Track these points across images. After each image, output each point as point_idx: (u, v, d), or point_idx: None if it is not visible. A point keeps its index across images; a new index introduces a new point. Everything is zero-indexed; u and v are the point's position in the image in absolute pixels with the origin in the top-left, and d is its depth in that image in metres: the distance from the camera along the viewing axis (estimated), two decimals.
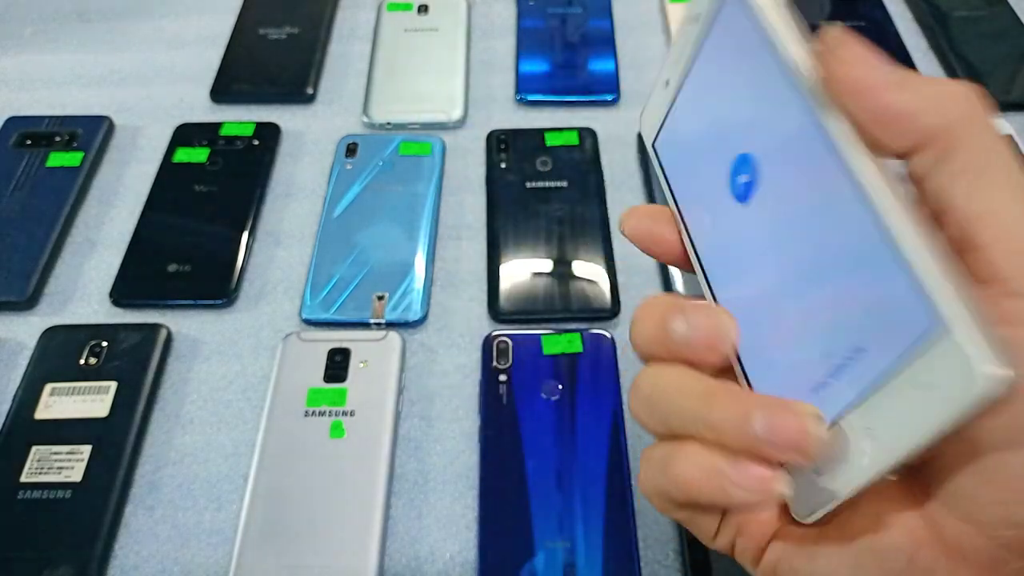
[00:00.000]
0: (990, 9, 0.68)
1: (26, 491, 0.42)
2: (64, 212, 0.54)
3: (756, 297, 0.24)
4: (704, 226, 0.27)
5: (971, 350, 0.17)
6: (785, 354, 0.23)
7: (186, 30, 0.69)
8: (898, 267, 0.19)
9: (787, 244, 0.23)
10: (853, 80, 0.20)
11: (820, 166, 0.22)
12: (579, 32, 0.67)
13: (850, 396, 0.20)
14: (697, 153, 0.27)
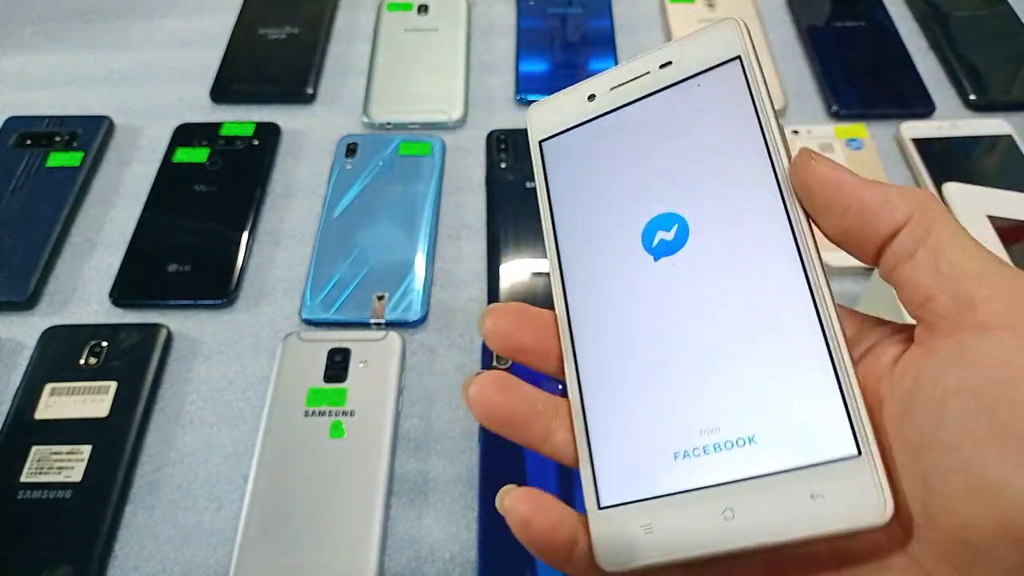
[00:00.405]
0: (990, 9, 0.68)
1: (26, 491, 0.42)
2: (64, 212, 0.54)
3: (642, 347, 0.24)
4: (584, 262, 0.26)
5: (881, 481, 0.19)
6: (655, 412, 0.23)
7: (186, 30, 0.69)
8: (830, 385, 0.21)
9: (702, 312, 0.24)
10: (834, 177, 0.23)
11: (771, 254, 0.23)
12: (579, 32, 0.67)
13: (715, 475, 0.22)
14: (601, 186, 0.27)
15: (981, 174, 0.56)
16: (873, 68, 0.64)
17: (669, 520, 0.22)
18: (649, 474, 0.23)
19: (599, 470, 0.24)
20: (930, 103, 0.61)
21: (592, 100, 0.27)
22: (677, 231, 0.25)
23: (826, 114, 0.61)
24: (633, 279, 0.25)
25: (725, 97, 0.25)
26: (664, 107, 0.26)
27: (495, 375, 0.24)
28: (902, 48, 0.65)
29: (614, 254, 0.25)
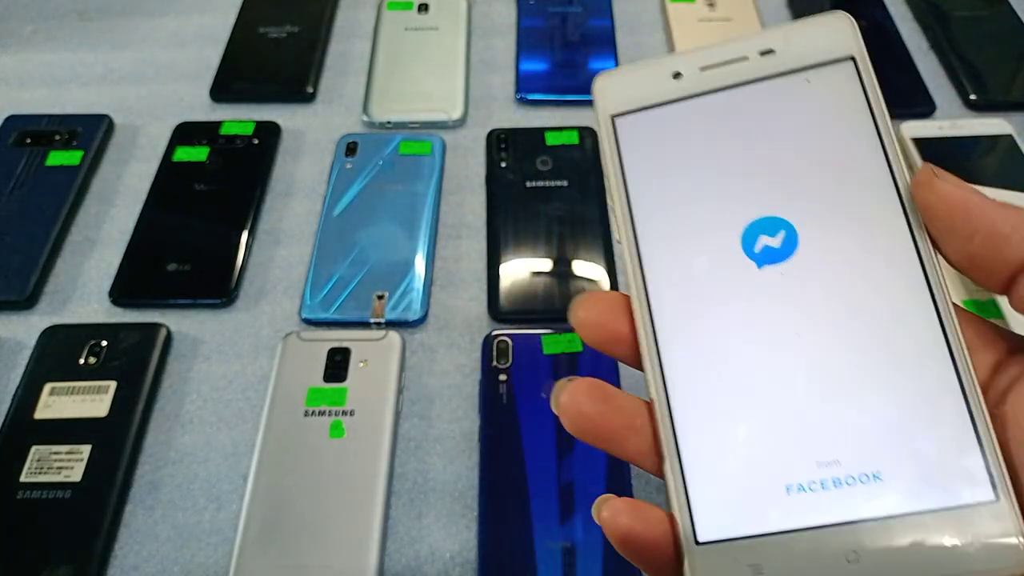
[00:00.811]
0: (990, 9, 0.68)
1: (26, 491, 0.42)
2: (64, 211, 0.54)
3: (745, 364, 0.22)
4: (670, 259, 0.24)
5: (1021, 528, 0.18)
6: (763, 439, 0.21)
7: (186, 29, 0.69)
8: (962, 421, 0.20)
9: (817, 330, 0.21)
10: (960, 198, 0.21)
11: (893, 274, 0.21)
12: (579, 31, 0.67)
13: (836, 514, 0.20)
14: (691, 178, 0.24)
15: (981, 174, 0.56)
16: (873, 67, 0.63)
17: (783, 561, 0.20)
18: (758, 509, 0.21)
19: (695, 501, 0.22)
20: (930, 103, 0.61)
21: (678, 79, 0.25)
22: (784, 238, 0.22)
23: None
24: (733, 287, 0.23)
25: (838, 99, 0.23)
26: (767, 99, 0.24)
27: (590, 383, 0.22)
28: (902, 47, 0.65)
29: (710, 258, 0.23)
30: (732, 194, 0.23)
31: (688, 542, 0.21)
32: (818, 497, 0.20)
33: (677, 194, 0.24)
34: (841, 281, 0.22)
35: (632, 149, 0.25)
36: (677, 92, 0.25)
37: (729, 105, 0.24)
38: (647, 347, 0.23)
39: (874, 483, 0.20)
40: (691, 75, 0.25)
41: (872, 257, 0.22)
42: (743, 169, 0.23)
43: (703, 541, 0.21)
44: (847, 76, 0.24)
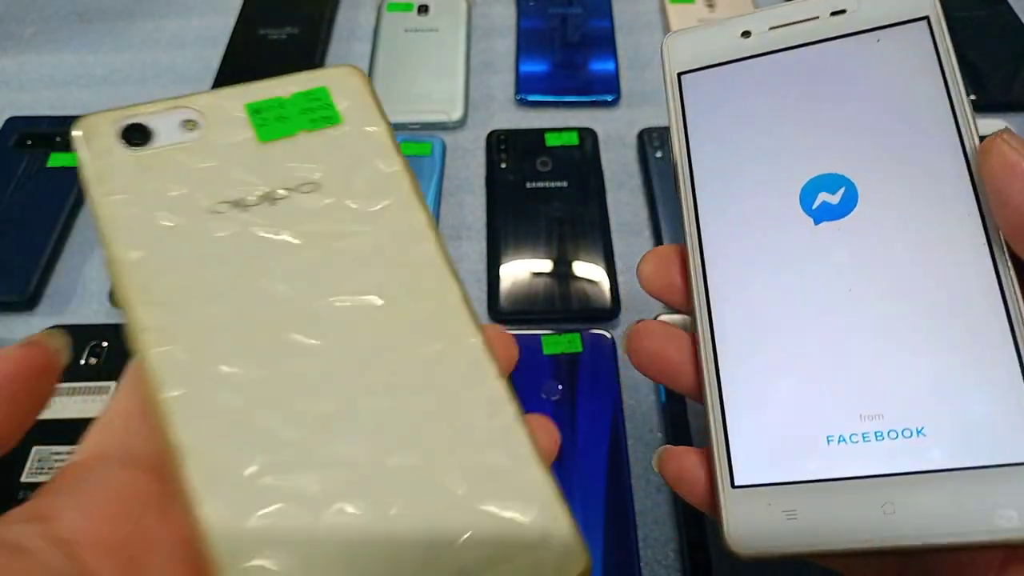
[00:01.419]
0: (990, 9, 0.68)
1: (26, 491, 0.42)
2: (65, 212, 0.54)
3: (794, 315, 0.22)
4: (727, 213, 0.24)
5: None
6: (807, 390, 0.22)
7: (186, 30, 0.69)
8: (1014, 381, 0.19)
9: (871, 286, 0.22)
10: (1018, 166, 0.20)
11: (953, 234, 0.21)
12: (579, 32, 0.67)
13: (876, 466, 0.20)
14: (753, 135, 0.24)
15: None
16: None
17: (818, 508, 0.20)
18: (797, 456, 0.21)
19: (735, 445, 0.22)
20: None
21: (747, 37, 0.25)
22: (844, 194, 0.22)
23: None
24: (787, 240, 0.23)
25: (909, 59, 0.23)
26: (835, 58, 0.24)
27: (655, 324, 0.25)
28: None
29: (765, 211, 0.23)
30: (793, 151, 0.23)
31: (724, 486, 0.21)
32: (859, 449, 0.20)
33: (738, 150, 0.24)
34: (898, 240, 0.22)
35: (695, 106, 0.25)
36: (744, 50, 0.25)
37: (796, 64, 0.24)
38: (697, 295, 0.23)
39: (917, 438, 0.20)
40: (759, 34, 0.25)
41: (932, 216, 0.21)
42: (807, 127, 0.23)
43: (739, 484, 0.21)
44: (920, 36, 0.24)
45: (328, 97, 0.24)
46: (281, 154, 0.22)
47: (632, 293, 0.51)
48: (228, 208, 0.21)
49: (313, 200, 0.22)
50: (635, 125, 0.60)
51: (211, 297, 0.20)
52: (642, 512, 0.42)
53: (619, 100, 0.62)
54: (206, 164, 0.22)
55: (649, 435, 0.45)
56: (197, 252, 0.21)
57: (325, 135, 0.23)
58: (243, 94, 0.23)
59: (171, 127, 0.22)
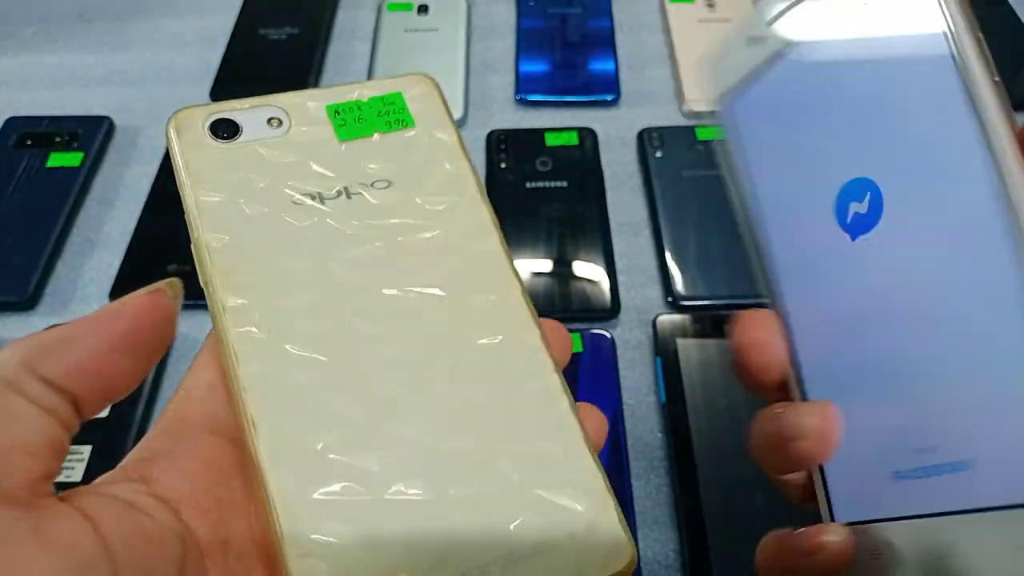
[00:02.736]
0: (990, 9, 0.68)
1: None
2: (64, 212, 0.54)
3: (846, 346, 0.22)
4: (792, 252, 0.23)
5: None
6: (873, 425, 0.21)
7: (186, 30, 0.69)
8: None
9: (909, 308, 0.20)
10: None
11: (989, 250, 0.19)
12: (579, 32, 0.67)
13: (936, 503, 0.19)
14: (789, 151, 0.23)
15: None
16: None
17: (895, 548, 0.20)
18: (875, 495, 0.21)
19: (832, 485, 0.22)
20: None
21: (753, 45, 0.24)
22: (870, 202, 0.21)
23: None
24: (829, 262, 0.22)
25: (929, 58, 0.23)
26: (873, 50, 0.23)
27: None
28: None
29: (806, 231, 0.23)
30: (828, 161, 0.22)
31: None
32: (919, 484, 0.20)
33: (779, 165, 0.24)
34: (931, 251, 0.20)
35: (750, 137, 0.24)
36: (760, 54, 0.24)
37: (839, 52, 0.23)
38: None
39: (967, 471, 0.19)
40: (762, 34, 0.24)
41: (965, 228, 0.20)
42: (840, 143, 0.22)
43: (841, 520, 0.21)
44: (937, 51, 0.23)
45: (402, 102, 0.25)
46: (358, 153, 0.24)
47: (632, 293, 0.51)
48: (308, 200, 0.23)
49: (386, 196, 0.23)
50: (635, 125, 0.60)
51: (289, 283, 0.22)
52: (642, 512, 0.42)
53: (619, 100, 0.62)
54: (289, 159, 0.23)
55: (649, 435, 0.45)
56: (278, 240, 0.22)
57: (399, 137, 0.25)
58: (324, 96, 0.25)
59: (257, 124, 0.24)
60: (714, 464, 0.42)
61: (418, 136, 0.25)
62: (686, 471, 0.42)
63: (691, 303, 0.49)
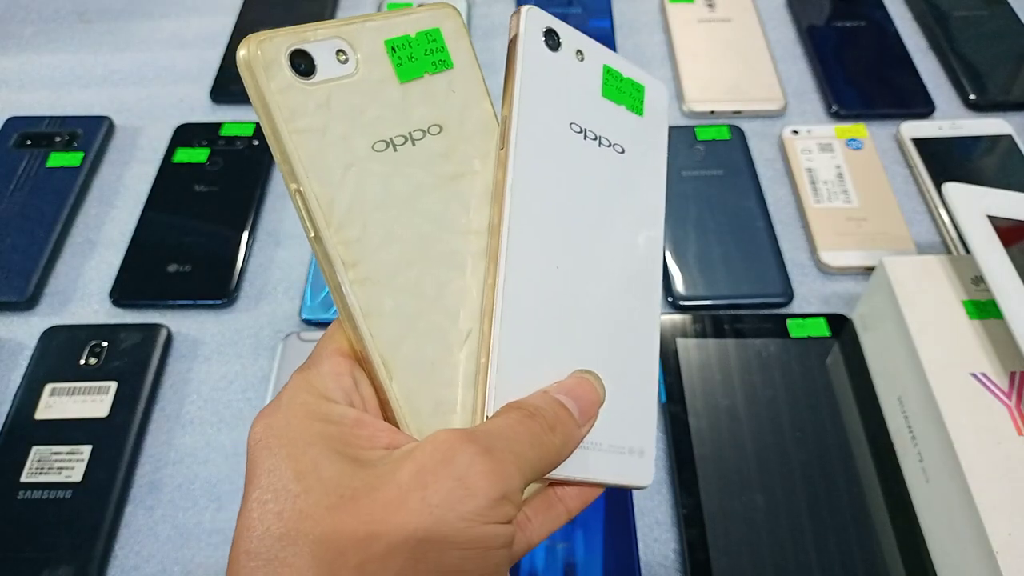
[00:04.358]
0: (990, 9, 0.68)
1: (26, 491, 0.42)
2: (64, 212, 0.54)
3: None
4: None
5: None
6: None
7: (186, 30, 0.69)
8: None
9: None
10: None
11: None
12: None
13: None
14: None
15: (981, 174, 0.56)
16: (873, 68, 0.64)
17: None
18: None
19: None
20: (930, 103, 0.61)
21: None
22: None
23: (826, 114, 0.61)
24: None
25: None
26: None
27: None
28: (902, 48, 0.65)
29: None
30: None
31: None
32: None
33: None
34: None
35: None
36: None
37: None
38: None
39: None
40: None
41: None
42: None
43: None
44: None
45: (442, 39, 0.26)
46: (416, 96, 0.25)
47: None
48: (384, 148, 0.24)
49: (440, 143, 0.25)
50: None
51: (386, 235, 0.23)
52: (642, 512, 0.42)
53: None
54: (364, 103, 0.24)
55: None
56: (369, 191, 0.23)
57: (444, 78, 0.25)
58: (379, 28, 0.24)
59: (328, 58, 0.23)
60: (714, 464, 0.42)
61: (457, 78, 0.26)
62: (686, 471, 0.42)
63: (691, 303, 0.49)
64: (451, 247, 0.24)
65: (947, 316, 0.40)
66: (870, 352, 0.45)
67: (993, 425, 0.36)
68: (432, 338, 0.24)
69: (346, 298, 0.23)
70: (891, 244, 0.52)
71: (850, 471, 0.41)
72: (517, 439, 0.22)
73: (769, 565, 0.39)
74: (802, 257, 0.52)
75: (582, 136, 0.26)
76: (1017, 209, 0.42)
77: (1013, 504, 0.34)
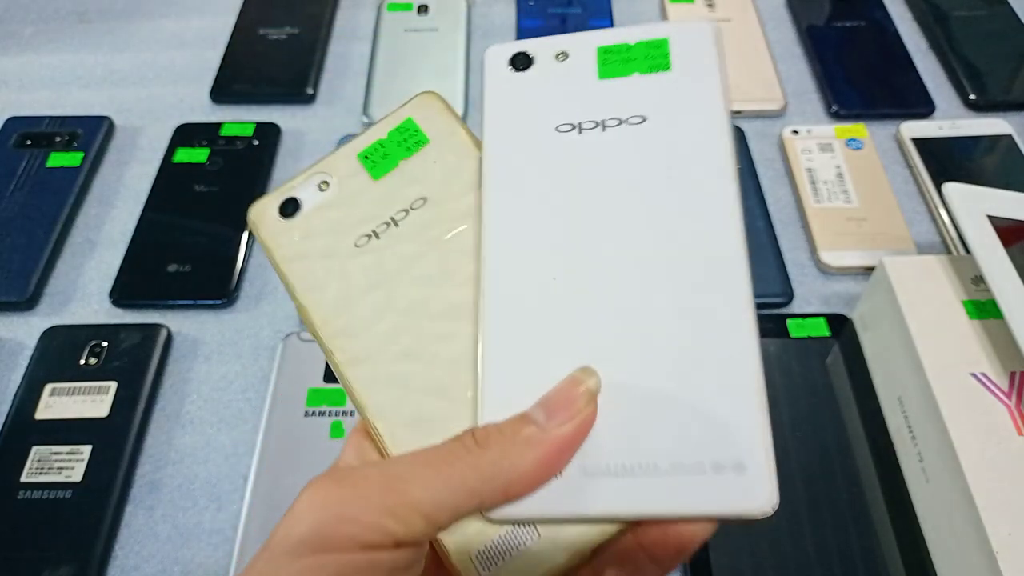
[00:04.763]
0: (990, 9, 0.68)
1: (26, 491, 0.42)
2: (64, 212, 0.54)
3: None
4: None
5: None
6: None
7: (186, 30, 0.69)
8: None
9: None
10: None
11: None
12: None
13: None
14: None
15: (981, 174, 0.56)
16: (873, 68, 0.64)
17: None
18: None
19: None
20: (930, 103, 0.61)
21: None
22: None
23: (826, 114, 0.61)
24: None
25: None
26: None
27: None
28: (902, 48, 0.65)
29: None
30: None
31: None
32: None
33: None
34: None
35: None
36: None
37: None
38: None
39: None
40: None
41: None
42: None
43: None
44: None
45: (415, 125, 0.28)
46: (395, 184, 0.27)
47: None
48: (367, 240, 0.26)
49: (427, 212, 0.26)
50: None
51: (374, 313, 0.25)
52: None
53: None
54: (343, 214, 0.26)
55: None
56: (354, 281, 0.26)
57: (422, 155, 0.27)
58: (352, 147, 0.27)
59: (312, 192, 0.27)
60: None
61: (435, 148, 0.27)
62: None
63: None
64: (452, 300, 0.25)
65: (947, 316, 0.40)
66: (870, 352, 0.45)
67: (993, 425, 0.36)
68: (433, 395, 0.24)
69: (342, 378, 0.25)
70: (891, 244, 0.52)
71: (850, 471, 0.41)
72: (405, 461, 0.20)
73: (769, 565, 0.39)
74: (802, 257, 0.52)
75: (575, 131, 0.25)
76: (1017, 209, 0.42)
77: (1013, 504, 0.34)
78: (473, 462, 0.20)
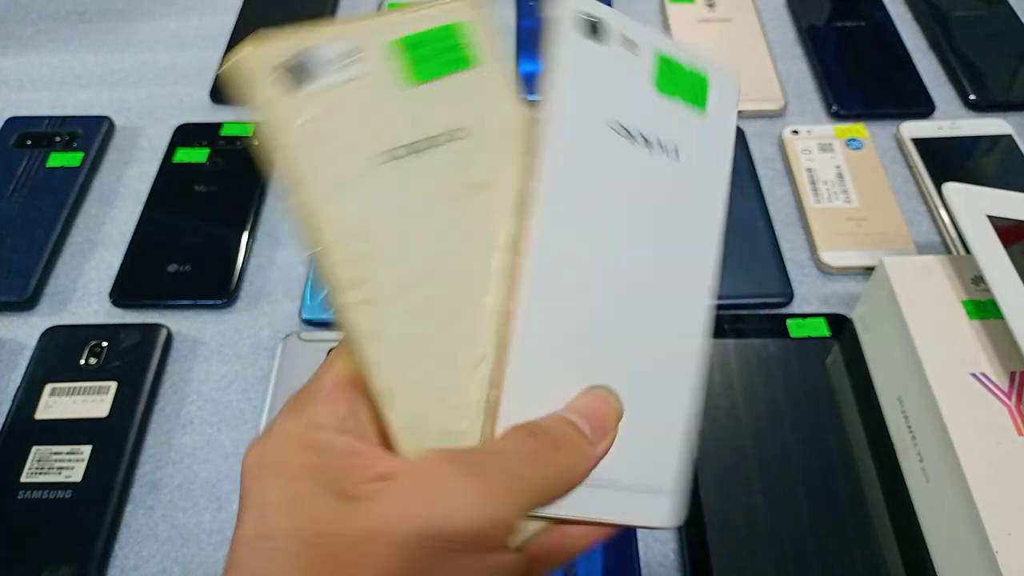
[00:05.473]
0: (990, 9, 0.68)
1: (26, 491, 0.42)
2: (64, 212, 0.54)
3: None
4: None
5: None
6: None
7: (186, 30, 0.69)
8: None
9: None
10: None
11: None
12: None
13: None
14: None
15: (981, 174, 0.56)
16: (873, 68, 0.64)
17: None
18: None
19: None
20: (930, 103, 0.61)
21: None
22: None
23: (826, 114, 0.61)
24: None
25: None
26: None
27: None
28: (902, 48, 0.65)
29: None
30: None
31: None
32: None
33: None
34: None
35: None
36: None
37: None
38: None
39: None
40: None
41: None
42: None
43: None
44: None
45: (459, 36, 0.23)
46: (429, 100, 0.23)
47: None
48: (392, 158, 0.22)
49: (458, 149, 0.23)
50: None
51: (394, 252, 0.22)
52: None
53: None
54: (368, 110, 0.22)
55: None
56: (376, 204, 0.22)
57: (462, 78, 0.23)
58: (386, 27, 0.23)
59: (329, 62, 0.22)
60: (714, 464, 0.42)
61: (477, 78, 0.24)
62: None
63: None
64: (471, 264, 0.22)
65: (947, 316, 0.40)
66: (870, 352, 0.45)
67: (993, 425, 0.36)
68: (442, 363, 0.22)
69: (347, 320, 0.21)
70: (891, 244, 0.52)
71: (850, 471, 0.41)
72: (515, 459, 0.21)
73: (769, 565, 0.39)
74: (802, 257, 0.52)
75: (629, 140, 0.24)
76: (1017, 209, 0.42)
77: (1013, 504, 0.34)
78: (554, 465, 0.21)
